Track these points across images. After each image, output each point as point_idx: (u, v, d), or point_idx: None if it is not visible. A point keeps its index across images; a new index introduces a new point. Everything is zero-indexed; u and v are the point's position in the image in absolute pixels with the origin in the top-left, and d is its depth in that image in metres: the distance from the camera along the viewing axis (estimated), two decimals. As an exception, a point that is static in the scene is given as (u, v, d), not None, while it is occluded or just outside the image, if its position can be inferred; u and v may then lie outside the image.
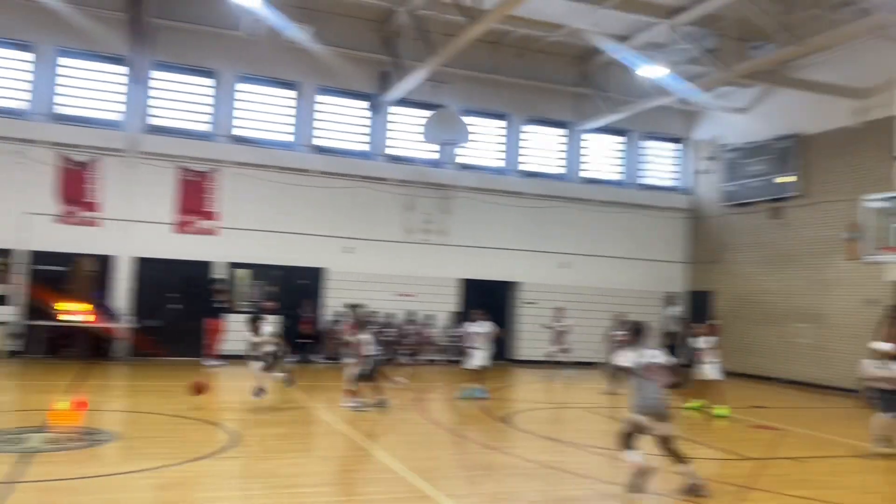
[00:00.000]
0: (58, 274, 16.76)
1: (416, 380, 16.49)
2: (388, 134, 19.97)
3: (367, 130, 19.85)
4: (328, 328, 18.49)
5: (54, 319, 16.13)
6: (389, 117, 19.92)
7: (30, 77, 16.98)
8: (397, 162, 19.86)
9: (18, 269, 16.46)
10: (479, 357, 13.27)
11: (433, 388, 15.40)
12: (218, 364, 16.36)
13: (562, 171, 21.83)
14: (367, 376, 11.24)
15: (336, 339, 18.27)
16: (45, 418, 9.25)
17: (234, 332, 16.99)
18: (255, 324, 11.65)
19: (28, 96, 16.95)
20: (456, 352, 19.32)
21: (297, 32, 17.04)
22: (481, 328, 13.46)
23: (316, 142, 19.27)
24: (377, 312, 18.93)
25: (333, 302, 18.79)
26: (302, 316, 18.23)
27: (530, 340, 19.91)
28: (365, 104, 19.65)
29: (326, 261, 18.94)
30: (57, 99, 17.19)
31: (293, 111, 19.14)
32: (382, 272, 19.26)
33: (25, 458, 7.34)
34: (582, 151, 22.01)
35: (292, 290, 18.59)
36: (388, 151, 19.91)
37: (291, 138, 19.12)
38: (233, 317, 17.03)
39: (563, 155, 21.90)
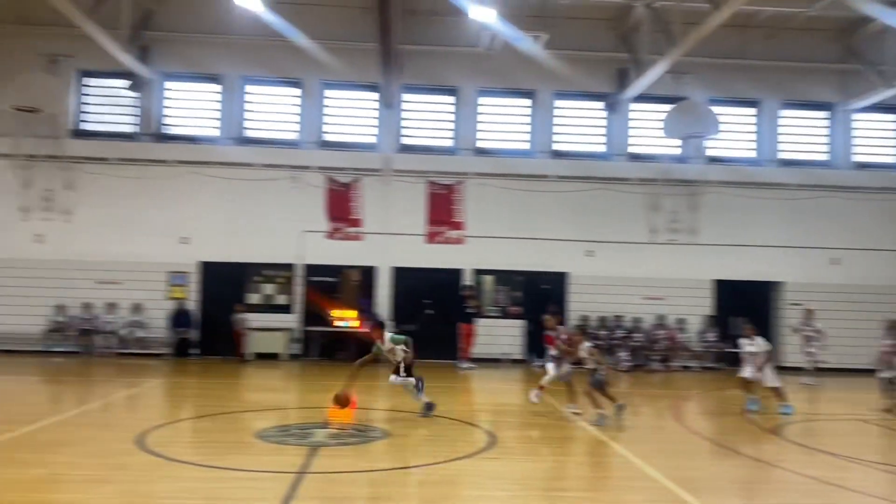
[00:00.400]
0: (329, 284, 18.61)
1: (669, 387, 15.89)
2: (628, 132, 19.52)
3: (605, 131, 19.58)
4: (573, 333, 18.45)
5: (328, 325, 17.90)
6: (629, 115, 19.47)
7: (299, 110, 19.11)
8: (639, 160, 19.32)
9: (297, 281, 18.55)
10: (751, 370, 12.00)
11: (689, 395, 14.70)
12: (471, 367, 17.03)
13: (826, 157, 19.78)
14: (598, 385, 10.65)
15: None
16: (326, 416, 10.24)
17: (485, 335, 17.69)
18: (379, 331, 10.71)
19: (298, 127, 19.08)
20: (712, 358, 18.33)
21: (531, 42, 17.29)
22: (753, 346, 12.12)
23: (554, 147, 19.39)
24: (623, 317, 18.59)
25: (577, 306, 18.75)
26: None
27: (796, 346, 18.16)
28: (601, 104, 19.41)
29: (569, 265, 18.93)
30: (324, 127, 19.13)
31: (530, 119, 19.47)
32: (627, 275, 18.81)
33: (312, 451, 8.18)
34: (852, 133, 19.77)
35: (536, 296, 18.84)
36: (628, 150, 19.46)
37: (529, 146, 19.44)
38: (483, 321, 17.74)
39: (827, 139, 19.85)
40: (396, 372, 10.46)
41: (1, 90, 16.53)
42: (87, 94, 19.19)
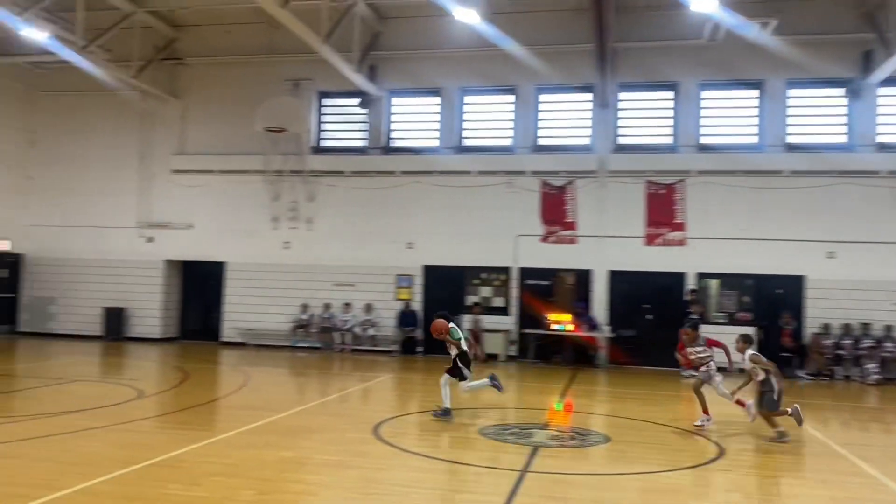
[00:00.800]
0: (543, 288, 18.76)
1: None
2: (876, 120, 17.58)
3: (846, 120, 17.79)
4: (813, 341, 16.98)
5: (543, 328, 18.03)
6: (876, 101, 17.54)
7: (513, 116, 19.48)
8: (888, 151, 17.32)
9: (513, 284, 18.92)
10: None
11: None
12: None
13: None
14: (771, 406, 9.49)
15: (820, 353, 16.68)
16: (545, 417, 10.36)
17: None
18: (446, 324, 10.34)
19: (512, 133, 19.46)
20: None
21: (758, 29, 16.19)
22: None
23: (788, 140, 17.97)
24: (870, 325, 16.77)
25: (815, 312, 17.21)
26: (783, 328, 17.05)
27: None
28: (841, 91, 17.67)
29: (806, 268, 17.43)
30: (538, 132, 19.36)
31: (758, 111, 18.23)
32: (876, 278, 16.93)
33: (533, 451, 8.33)
34: None
35: (768, 300, 17.58)
36: (876, 140, 17.52)
37: (757, 139, 18.19)
38: (708, 328, 16.80)
39: None
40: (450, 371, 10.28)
41: (253, 114, 18.64)
42: (325, 114, 21.06)
